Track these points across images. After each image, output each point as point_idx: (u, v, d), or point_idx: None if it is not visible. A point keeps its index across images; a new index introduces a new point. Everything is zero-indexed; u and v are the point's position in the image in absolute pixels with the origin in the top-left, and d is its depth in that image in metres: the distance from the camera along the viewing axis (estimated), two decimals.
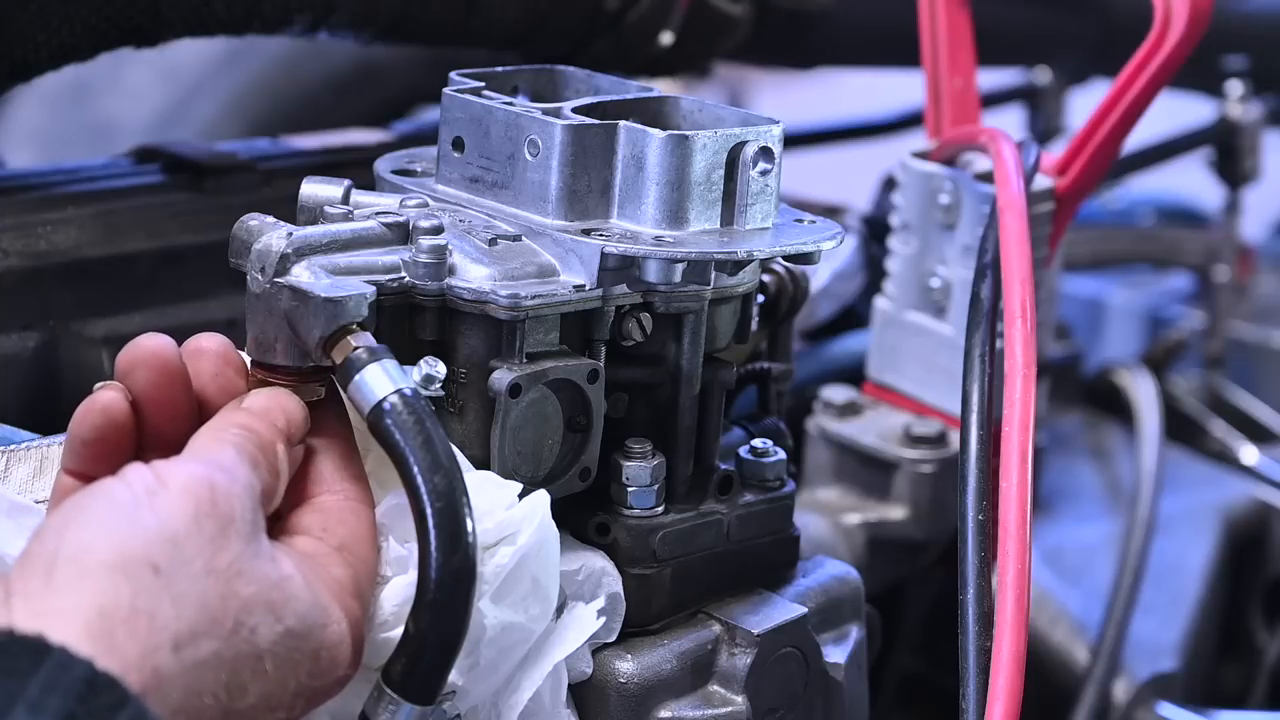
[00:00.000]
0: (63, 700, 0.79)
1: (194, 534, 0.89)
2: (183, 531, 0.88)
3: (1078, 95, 2.25)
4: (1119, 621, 1.56)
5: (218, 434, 0.97)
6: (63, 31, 1.35)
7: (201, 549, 0.89)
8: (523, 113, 1.12)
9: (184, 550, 0.88)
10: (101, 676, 0.81)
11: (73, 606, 0.83)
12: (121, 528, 0.87)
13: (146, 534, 0.87)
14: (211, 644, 0.87)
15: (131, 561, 0.86)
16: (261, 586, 0.90)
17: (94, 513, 0.88)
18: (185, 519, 0.89)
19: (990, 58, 1.62)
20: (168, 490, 0.90)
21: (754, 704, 1.14)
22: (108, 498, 0.89)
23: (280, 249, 1.01)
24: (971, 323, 1.23)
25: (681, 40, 1.67)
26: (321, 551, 0.98)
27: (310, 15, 1.45)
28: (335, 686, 0.96)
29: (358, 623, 0.96)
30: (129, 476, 0.91)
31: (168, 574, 0.87)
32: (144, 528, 0.87)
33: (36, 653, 0.81)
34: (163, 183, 1.47)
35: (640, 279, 1.08)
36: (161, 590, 0.86)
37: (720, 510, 1.16)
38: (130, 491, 0.89)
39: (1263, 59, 2.12)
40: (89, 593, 0.84)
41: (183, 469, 0.91)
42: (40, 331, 1.34)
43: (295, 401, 1.01)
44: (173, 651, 0.85)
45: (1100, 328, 2.29)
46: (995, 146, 1.34)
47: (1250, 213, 2.16)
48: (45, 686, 0.79)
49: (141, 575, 0.86)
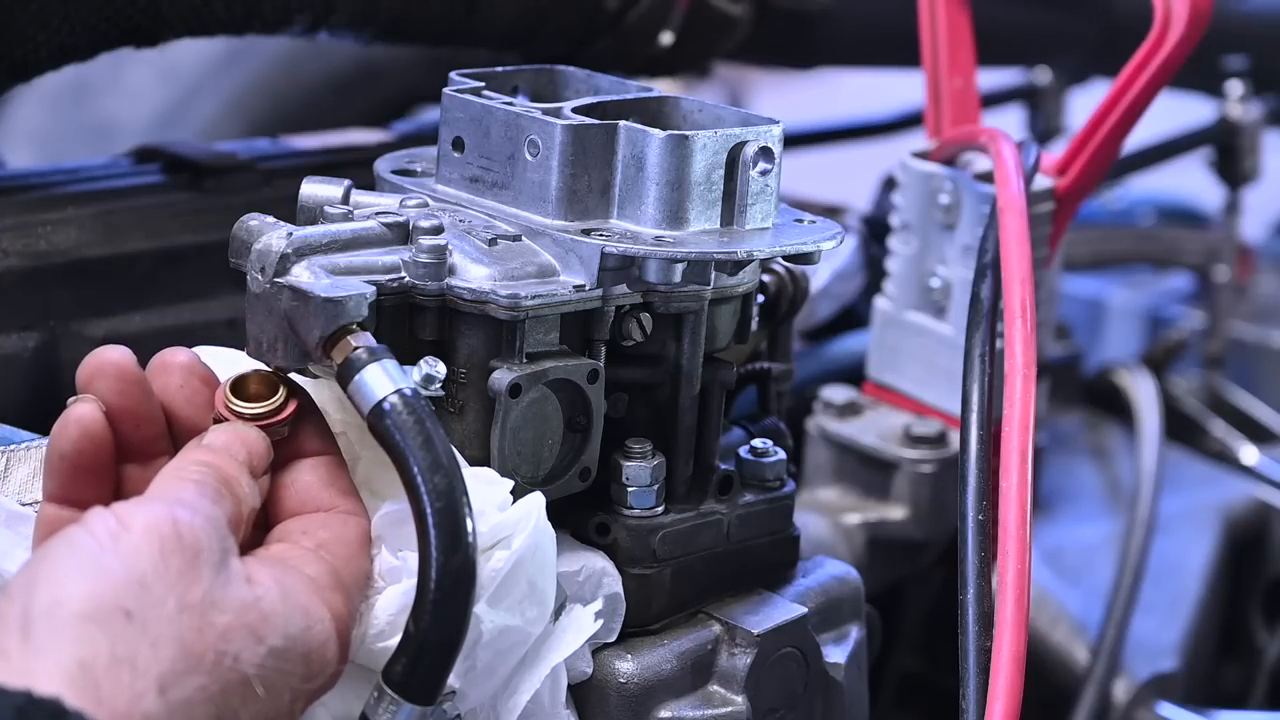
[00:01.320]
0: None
1: (162, 573, 0.88)
2: (150, 572, 0.88)
3: (1078, 95, 2.25)
4: (1119, 621, 1.56)
5: (177, 472, 0.97)
6: (63, 31, 1.35)
7: (172, 586, 0.88)
8: (523, 113, 1.12)
9: (154, 591, 0.87)
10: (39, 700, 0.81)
11: (53, 664, 0.83)
12: (89, 576, 0.87)
13: (114, 580, 0.87)
14: (196, 679, 0.87)
15: (103, 610, 0.85)
16: (237, 612, 0.90)
17: (60, 563, 0.88)
18: (151, 559, 0.88)
19: (990, 58, 1.62)
20: (130, 533, 0.89)
21: (754, 704, 1.14)
22: (71, 546, 0.89)
23: (280, 249, 1.01)
24: (971, 323, 1.23)
25: (681, 40, 1.67)
26: (295, 553, 0.98)
27: (310, 15, 1.45)
28: (330, 682, 0.95)
29: (341, 616, 0.96)
30: (91, 523, 0.90)
31: (140, 618, 0.86)
32: (111, 573, 0.87)
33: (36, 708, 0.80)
34: (163, 183, 1.47)
35: (640, 279, 1.08)
36: (138, 635, 0.86)
37: (720, 510, 1.16)
38: (94, 538, 0.89)
39: (1263, 59, 2.12)
40: (66, 647, 0.84)
41: (143, 510, 0.91)
42: (40, 331, 1.34)
43: (256, 434, 1.00)
44: (159, 695, 0.85)
45: (1100, 328, 2.29)
46: (995, 146, 1.34)
47: (1250, 213, 2.16)
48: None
49: (115, 622, 0.85)
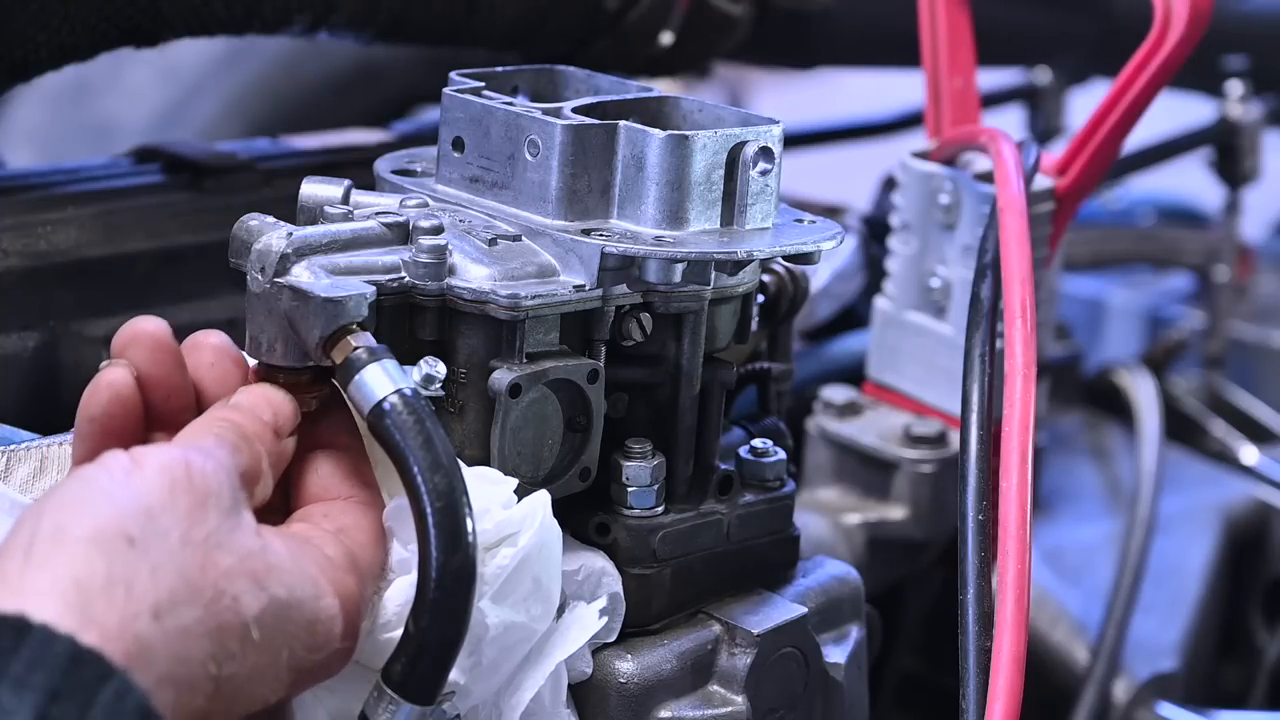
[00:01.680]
0: (47, 676, 0.80)
1: (169, 507, 0.89)
2: (158, 505, 0.89)
3: (1078, 95, 2.25)
4: (1119, 621, 1.56)
5: (200, 426, 0.99)
6: (63, 31, 1.35)
7: (177, 521, 0.89)
8: (523, 113, 1.12)
9: (159, 522, 0.89)
10: (85, 651, 0.81)
11: (49, 582, 0.84)
12: (97, 504, 0.88)
13: (120, 508, 0.88)
14: (193, 611, 0.87)
15: (106, 534, 0.87)
16: (241, 556, 0.91)
17: (69, 493, 0.89)
18: (160, 493, 0.90)
19: (990, 58, 1.62)
20: (143, 469, 0.91)
21: (754, 704, 1.14)
22: (82, 479, 0.91)
23: (280, 249, 1.01)
24: (971, 323, 1.23)
25: (681, 40, 1.67)
26: (314, 533, 0.99)
27: (310, 15, 1.45)
28: (333, 661, 0.96)
29: (353, 597, 0.96)
30: (105, 460, 0.92)
31: (143, 545, 0.87)
32: (118, 502, 0.88)
33: (18, 631, 0.81)
34: (163, 183, 1.47)
35: (640, 279, 1.08)
36: (138, 560, 0.87)
37: (720, 510, 1.16)
38: (107, 473, 0.91)
39: (1263, 59, 2.12)
40: (64, 566, 0.85)
41: (160, 451, 0.93)
42: (40, 331, 1.34)
43: (283, 396, 1.01)
44: (153, 619, 0.86)
45: (1100, 328, 2.29)
46: (995, 146, 1.34)
47: (1250, 213, 2.16)
48: (29, 663, 0.80)
49: (117, 546, 0.86)
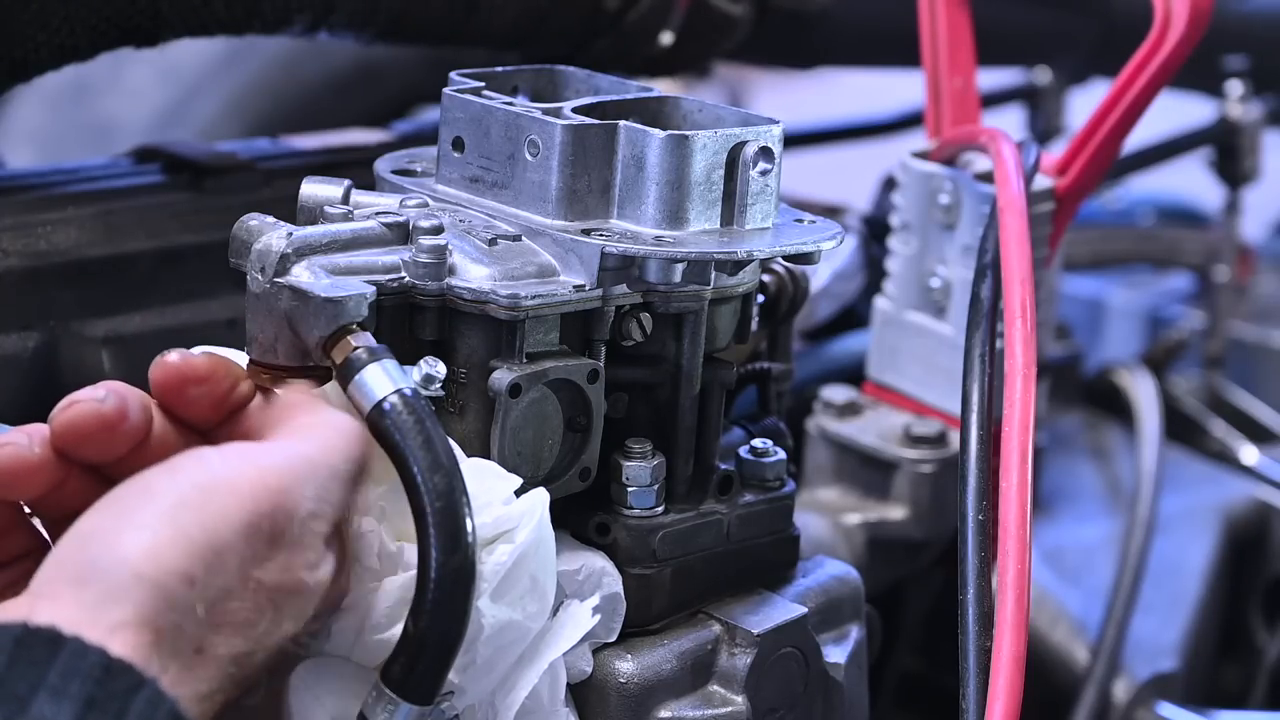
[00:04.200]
0: (82, 685, 0.80)
1: (239, 547, 0.88)
2: (228, 545, 0.87)
3: (1078, 95, 2.25)
4: (1119, 621, 1.56)
5: (343, 426, 0.95)
6: (63, 31, 1.35)
7: (245, 561, 0.88)
8: (523, 113, 1.12)
9: (225, 564, 0.87)
10: (116, 662, 0.81)
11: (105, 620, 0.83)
12: (160, 534, 0.85)
13: (189, 545, 0.86)
14: (240, 643, 0.88)
15: (167, 574, 0.85)
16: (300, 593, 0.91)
17: (131, 511, 0.87)
18: (234, 530, 0.87)
19: (990, 58, 1.62)
20: (225, 494, 0.88)
21: (754, 704, 1.14)
22: (147, 494, 0.88)
23: (280, 249, 1.01)
24: (971, 323, 1.23)
25: (681, 40, 1.67)
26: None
27: (310, 15, 1.45)
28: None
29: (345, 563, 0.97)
30: (179, 467, 0.89)
31: (202, 585, 0.86)
32: (186, 537, 0.86)
33: (52, 643, 0.81)
34: (163, 183, 1.47)
35: (640, 279, 1.08)
36: (193, 601, 0.86)
37: (720, 510, 1.16)
38: (175, 486, 0.88)
39: (1263, 59, 2.12)
40: (122, 607, 0.83)
41: (256, 469, 0.90)
42: (40, 331, 1.34)
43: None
44: (195, 653, 0.86)
45: (1100, 328, 2.29)
46: (995, 146, 1.34)
47: (1250, 213, 2.16)
48: (65, 673, 0.80)
49: (178, 589, 0.85)
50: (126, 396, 0.93)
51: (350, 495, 0.95)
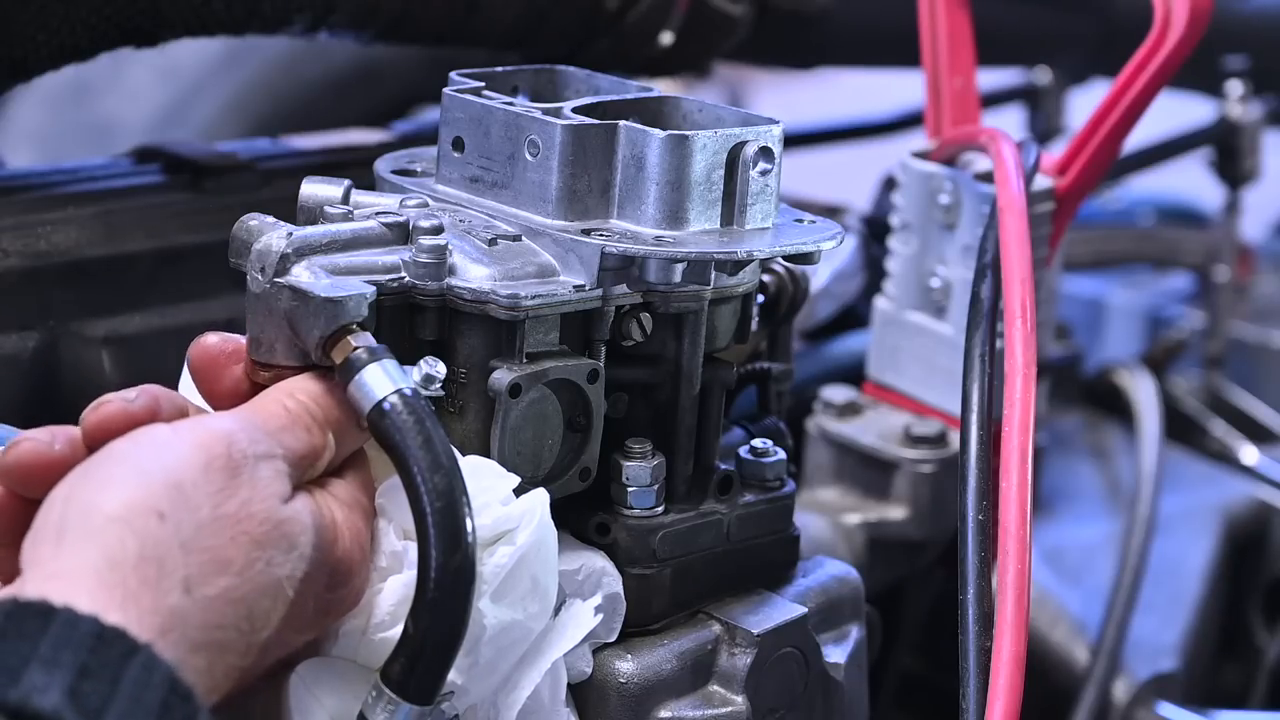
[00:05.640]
0: (75, 654, 0.81)
1: (201, 482, 0.91)
2: (189, 480, 0.90)
3: (1078, 95, 2.25)
4: (1119, 621, 1.56)
5: (281, 394, 0.99)
6: (63, 31, 1.35)
7: (209, 495, 0.91)
8: (523, 113, 1.12)
9: (190, 497, 0.90)
10: (109, 629, 0.83)
11: (83, 564, 0.86)
12: (128, 480, 0.89)
13: (151, 483, 0.89)
14: (224, 580, 0.90)
15: (136, 511, 0.88)
16: (274, 524, 0.92)
17: (98, 472, 0.91)
18: (193, 468, 0.91)
19: (990, 58, 1.62)
20: (177, 444, 0.92)
21: (754, 704, 1.14)
22: (112, 456, 0.92)
23: (280, 249, 1.01)
24: (971, 323, 1.23)
25: (681, 40, 1.67)
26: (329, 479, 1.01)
27: (310, 15, 1.45)
28: (351, 598, 0.99)
29: (360, 535, 0.99)
30: (139, 435, 0.93)
31: (174, 519, 0.89)
32: (149, 477, 0.89)
33: (43, 615, 0.82)
34: (162, 183, 1.47)
35: (640, 279, 1.08)
36: (169, 536, 0.88)
37: (720, 510, 1.16)
38: (137, 447, 0.92)
39: (1263, 59, 2.12)
40: (96, 548, 0.86)
41: (201, 426, 0.94)
42: (40, 331, 1.34)
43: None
44: (184, 592, 0.88)
45: (1100, 328, 2.29)
46: (995, 146, 1.34)
47: (1250, 213, 2.16)
48: (56, 644, 0.81)
49: (148, 523, 0.88)
50: (158, 396, 0.98)
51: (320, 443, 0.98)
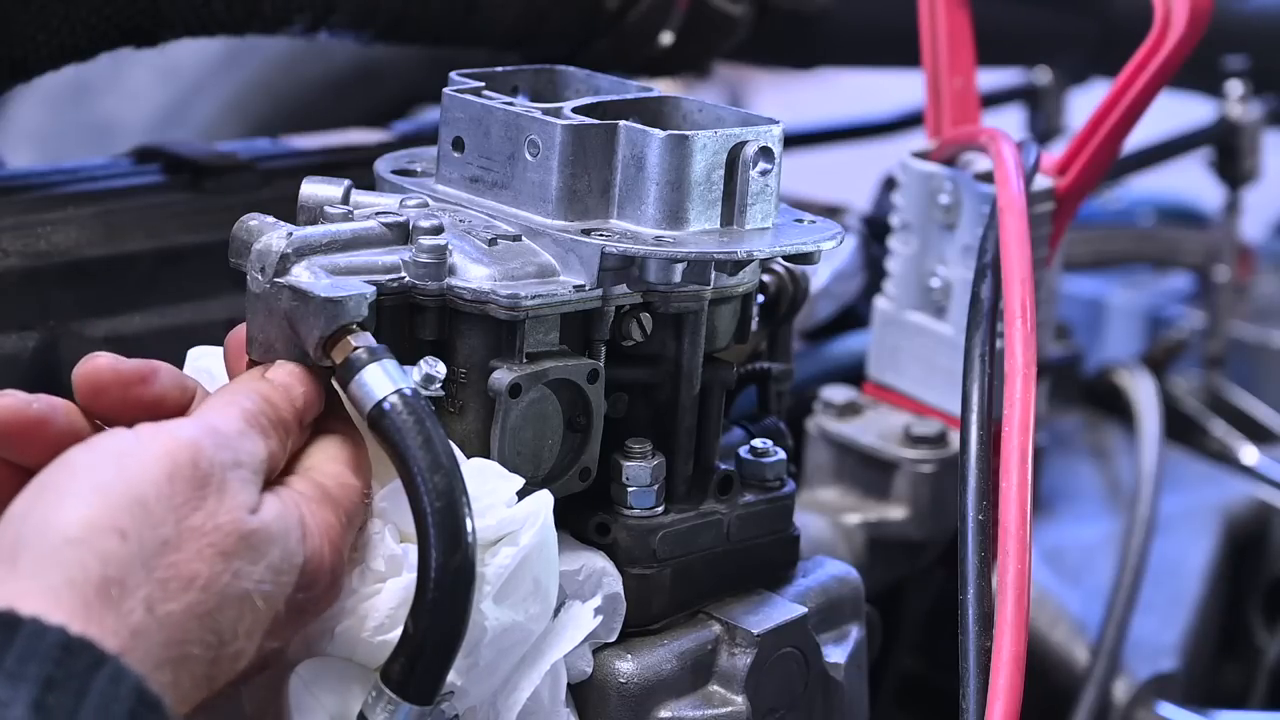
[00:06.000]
0: (40, 666, 0.79)
1: (164, 496, 0.88)
2: (152, 494, 0.88)
3: (1078, 95, 2.25)
4: (1119, 621, 1.56)
5: (233, 398, 0.97)
6: (63, 31, 1.35)
7: (172, 509, 0.88)
8: (523, 113, 1.12)
9: (153, 512, 0.87)
10: (76, 640, 0.81)
11: (40, 586, 0.83)
12: (86, 495, 0.87)
13: (111, 500, 0.87)
14: (188, 596, 0.87)
15: (96, 530, 0.85)
16: (240, 535, 0.90)
17: (55, 487, 0.88)
18: (156, 482, 0.88)
19: (990, 58, 1.62)
20: (141, 454, 0.89)
21: (754, 704, 1.14)
22: (68, 469, 0.89)
23: (280, 249, 1.01)
24: (971, 323, 1.23)
25: (681, 40, 1.67)
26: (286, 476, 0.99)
27: (310, 15, 1.45)
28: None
29: (333, 530, 0.97)
30: (95, 443, 0.90)
31: (135, 538, 0.86)
32: (110, 493, 0.87)
33: (8, 626, 0.81)
34: (162, 183, 1.47)
35: (640, 279, 1.08)
36: (130, 556, 0.86)
37: (720, 510, 1.16)
38: (94, 457, 0.89)
39: (1263, 59, 2.12)
40: (56, 569, 0.84)
41: (167, 434, 0.91)
42: (40, 331, 1.34)
43: (315, 383, 1.01)
44: (146, 611, 0.85)
45: (1100, 328, 2.29)
46: (995, 146, 1.34)
47: (1250, 213, 2.16)
48: (21, 656, 0.79)
49: (108, 543, 0.85)
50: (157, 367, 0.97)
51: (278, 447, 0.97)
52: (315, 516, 0.96)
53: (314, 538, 0.95)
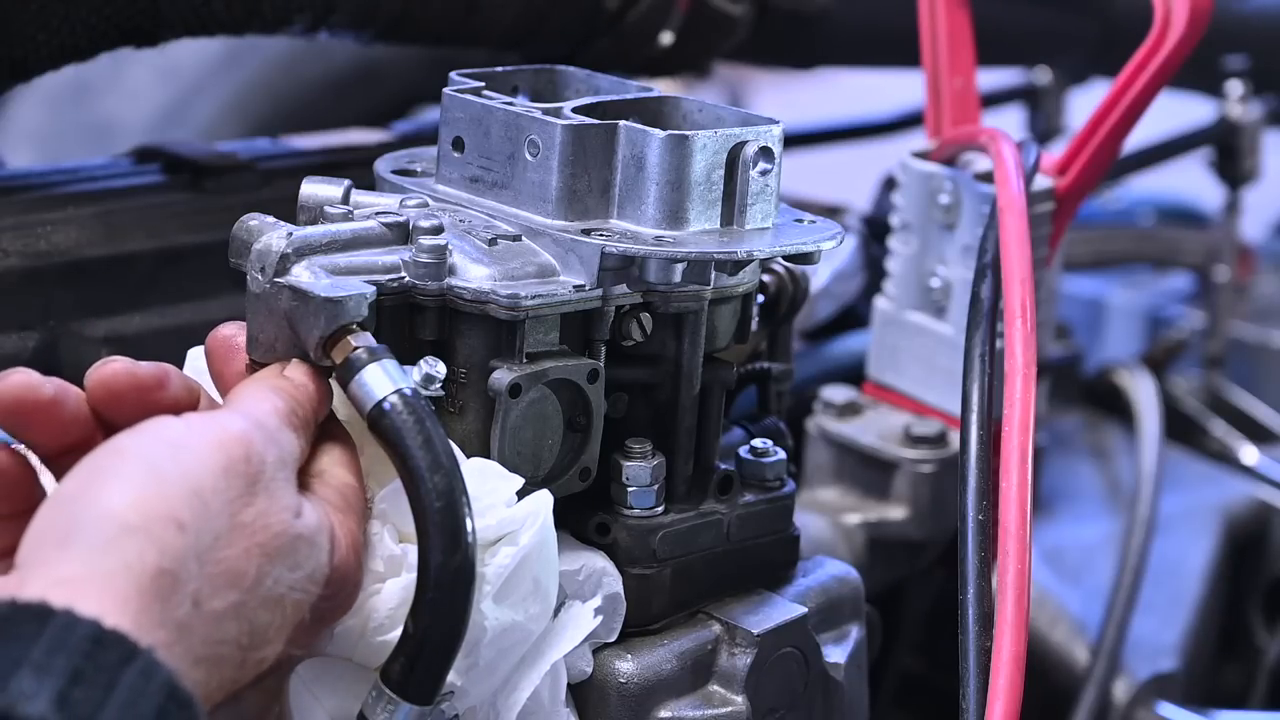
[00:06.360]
0: (68, 659, 0.78)
1: (220, 490, 0.88)
2: (209, 487, 0.87)
3: (1078, 95, 2.25)
4: (1119, 621, 1.56)
5: (265, 394, 0.97)
6: (63, 31, 1.35)
7: (228, 503, 0.88)
8: (523, 113, 1.12)
9: (210, 505, 0.87)
10: (109, 634, 0.80)
11: (94, 572, 0.82)
12: (145, 484, 0.86)
13: (170, 489, 0.86)
14: (233, 595, 0.87)
15: (155, 520, 0.85)
16: (286, 539, 0.90)
17: (109, 471, 0.87)
18: (213, 474, 0.88)
19: (990, 58, 1.62)
20: (196, 445, 0.89)
21: (754, 704, 1.14)
22: (120, 454, 0.88)
23: (280, 249, 1.01)
24: (971, 323, 1.23)
25: (681, 40, 1.67)
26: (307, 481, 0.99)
27: (310, 15, 1.45)
28: (346, 602, 0.97)
29: (354, 537, 0.97)
30: (151, 430, 0.90)
31: (193, 530, 0.86)
32: (168, 482, 0.86)
33: (40, 617, 0.80)
34: (162, 183, 1.47)
35: (640, 279, 1.08)
36: (187, 548, 0.85)
37: (720, 510, 1.16)
38: (147, 444, 0.88)
39: (1263, 59, 2.12)
40: (112, 556, 0.83)
41: (218, 424, 0.91)
42: (40, 331, 1.34)
43: (325, 385, 1.01)
44: (193, 606, 0.85)
45: (1100, 328, 2.29)
46: (995, 146, 1.34)
47: (1250, 213, 2.16)
48: (50, 648, 0.79)
49: (167, 533, 0.85)
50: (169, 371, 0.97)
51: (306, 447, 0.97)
52: (342, 525, 0.97)
53: (342, 548, 0.96)
